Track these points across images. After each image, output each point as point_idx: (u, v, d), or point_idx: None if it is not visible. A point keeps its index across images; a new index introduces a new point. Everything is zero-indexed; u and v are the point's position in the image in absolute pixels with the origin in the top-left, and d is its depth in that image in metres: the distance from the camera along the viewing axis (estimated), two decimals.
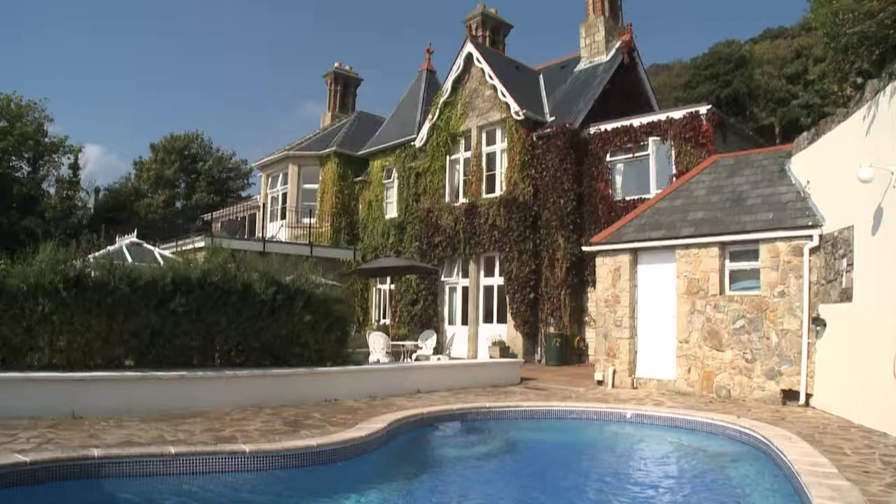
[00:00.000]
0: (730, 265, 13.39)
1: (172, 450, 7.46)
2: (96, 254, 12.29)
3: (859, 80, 10.42)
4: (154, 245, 20.05)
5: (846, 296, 10.52)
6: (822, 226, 11.86)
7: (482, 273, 24.45)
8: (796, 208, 12.62)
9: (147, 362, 11.01)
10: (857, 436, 8.90)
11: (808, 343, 11.91)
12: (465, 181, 25.23)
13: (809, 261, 12.02)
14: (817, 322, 11.65)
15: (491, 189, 24.20)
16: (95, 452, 7.08)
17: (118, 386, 9.99)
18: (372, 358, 17.53)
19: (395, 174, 28.94)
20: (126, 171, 77.04)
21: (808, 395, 11.87)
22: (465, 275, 24.99)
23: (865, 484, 6.35)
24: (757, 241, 12.82)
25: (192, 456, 7.49)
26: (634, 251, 14.88)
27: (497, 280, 23.83)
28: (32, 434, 7.92)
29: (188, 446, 7.72)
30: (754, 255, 12.95)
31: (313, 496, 7.38)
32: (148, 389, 10.21)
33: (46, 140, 46.12)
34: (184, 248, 22.75)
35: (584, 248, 17.18)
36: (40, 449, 7.16)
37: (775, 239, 12.49)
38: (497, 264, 23.83)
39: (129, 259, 14.27)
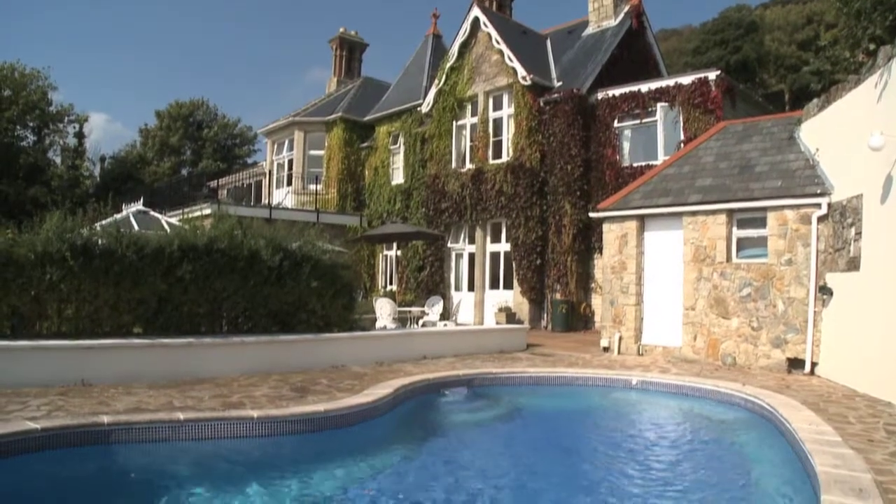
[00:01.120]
0: (737, 232, 13.33)
1: (181, 416, 7.53)
2: (103, 222, 12.30)
3: (872, 47, 10.27)
4: (160, 212, 20.07)
5: (854, 265, 10.47)
6: (830, 194, 11.76)
7: (489, 239, 24.42)
8: (805, 176, 12.51)
9: (155, 329, 11.08)
10: (861, 405, 8.91)
11: (815, 312, 11.88)
12: (471, 147, 25.09)
13: (817, 229, 11.94)
14: (824, 291, 11.62)
15: (498, 155, 24.07)
16: (105, 419, 7.15)
17: (127, 353, 10.07)
18: (378, 324, 17.59)
19: (401, 140, 28.81)
20: (131, 139, 76.88)
21: (814, 364, 11.87)
22: (472, 241, 24.96)
23: (869, 452, 6.38)
24: (765, 209, 12.74)
25: (200, 422, 7.56)
26: (641, 218, 14.82)
27: (503, 246, 23.80)
28: (43, 401, 8.01)
29: (197, 412, 7.79)
30: (762, 222, 12.88)
31: (321, 461, 7.45)
32: (156, 356, 10.29)
33: (51, 109, 46.01)
34: (190, 216, 22.76)
35: (591, 215, 17.13)
36: (51, 416, 7.24)
37: (783, 207, 12.40)
38: (504, 230, 23.78)
39: (136, 227, 14.29)
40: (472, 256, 25.01)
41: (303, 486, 6.58)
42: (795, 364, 12.14)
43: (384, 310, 17.99)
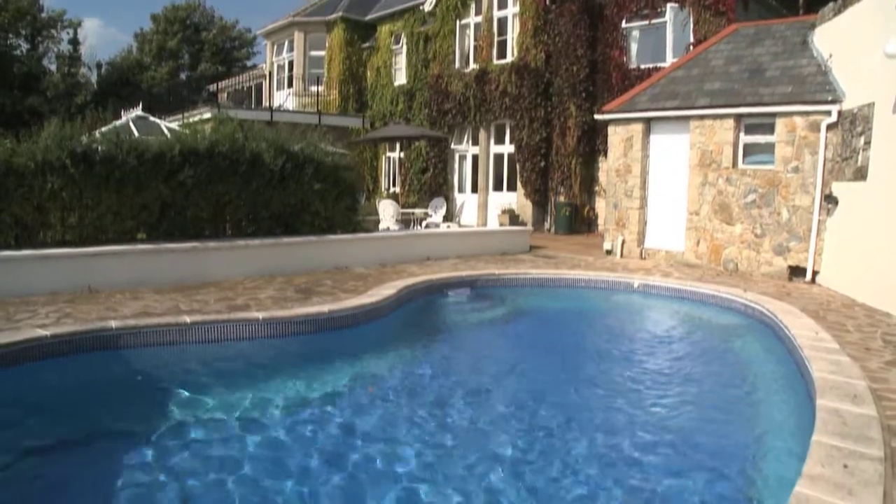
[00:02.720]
0: (744, 138, 13.12)
1: (187, 319, 7.65)
2: (102, 129, 12.17)
3: None
4: (160, 118, 19.84)
5: (861, 174, 10.32)
6: (841, 101, 11.46)
7: (492, 141, 24.21)
8: (816, 82, 12.19)
9: (159, 235, 11.14)
10: (860, 314, 8.95)
11: (819, 220, 11.78)
12: (475, 47, 24.56)
13: (826, 137, 11.69)
14: (829, 200, 11.51)
15: (502, 55, 23.58)
16: (113, 324, 7.27)
17: (132, 259, 10.14)
18: (382, 226, 17.66)
19: (403, 40, 28.19)
20: (127, 44, 75.24)
21: (815, 272, 11.87)
22: (476, 142, 24.77)
23: (865, 360, 6.48)
24: (773, 115, 12.47)
25: (206, 324, 7.69)
26: (647, 121, 14.61)
27: (507, 148, 23.62)
28: (51, 309, 8.09)
29: (203, 315, 7.92)
30: (770, 128, 12.64)
31: (325, 361, 7.60)
32: (161, 261, 10.36)
33: (43, 15, 45.03)
34: (190, 120, 22.52)
35: (597, 117, 16.88)
36: (59, 323, 7.34)
37: (792, 113, 12.13)
38: (508, 132, 23.55)
39: (136, 133, 14.15)
40: (475, 158, 24.86)
41: (307, 386, 6.74)
42: (797, 272, 12.15)
43: (387, 211, 18.02)
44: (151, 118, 18.24)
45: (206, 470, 4.81)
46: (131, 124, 16.51)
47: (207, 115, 22.92)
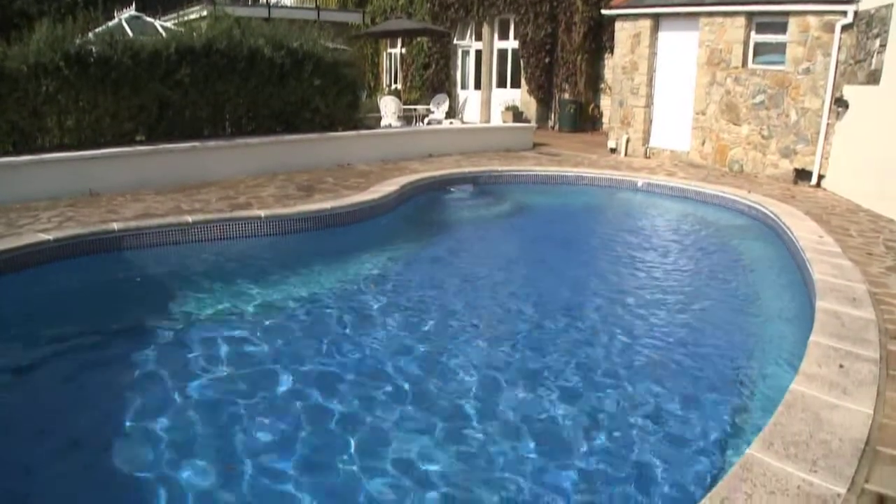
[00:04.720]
0: (755, 37, 12.67)
1: (189, 219, 7.73)
2: (96, 30, 11.91)
3: None
4: (154, 17, 19.35)
5: (873, 78, 9.98)
6: (858, 1, 10.94)
7: (496, 36, 23.62)
8: None
9: (158, 136, 11.05)
10: (864, 219, 8.90)
11: (828, 124, 11.48)
12: None
13: (840, 38, 11.21)
14: (840, 103, 11.18)
15: None
16: (115, 226, 7.32)
17: (131, 161, 10.08)
18: (384, 122, 17.48)
19: None
20: None
21: (821, 176, 11.66)
22: (479, 38, 24.16)
23: (867, 265, 6.52)
24: (787, 14, 11.97)
25: (209, 223, 7.80)
26: (656, 17, 14.17)
27: (511, 43, 23.06)
28: (53, 214, 8.12)
29: (205, 215, 8.02)
30: (782, 28, 12.17)
31: (327, 257, 7.75)
32: (161, 162, 10.33)
33: None
34: (185, 19, 22.02)
35: (604, 12, 16.42)
36: (62, 227, 7.38)
37: (807, 12, 11.62)
38: (512, 27, 22.93)
39: (130, 33, 13.82)
40: (478, 54, 24.31)
41: (310, 283, 6.88)
42: (802, 175, 11.95)
43: (389, 108, 17.77)
44: (145, 17, 17.81)
45: (214, 366, 4.94)
46: (125, 24, 16.11)
47: (203, 13, 22.36)
